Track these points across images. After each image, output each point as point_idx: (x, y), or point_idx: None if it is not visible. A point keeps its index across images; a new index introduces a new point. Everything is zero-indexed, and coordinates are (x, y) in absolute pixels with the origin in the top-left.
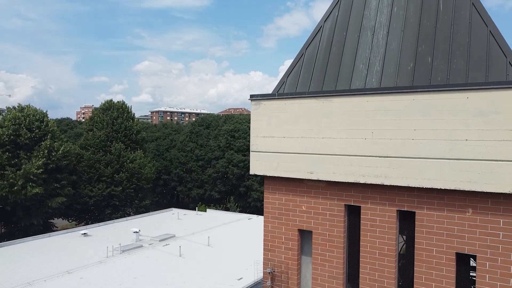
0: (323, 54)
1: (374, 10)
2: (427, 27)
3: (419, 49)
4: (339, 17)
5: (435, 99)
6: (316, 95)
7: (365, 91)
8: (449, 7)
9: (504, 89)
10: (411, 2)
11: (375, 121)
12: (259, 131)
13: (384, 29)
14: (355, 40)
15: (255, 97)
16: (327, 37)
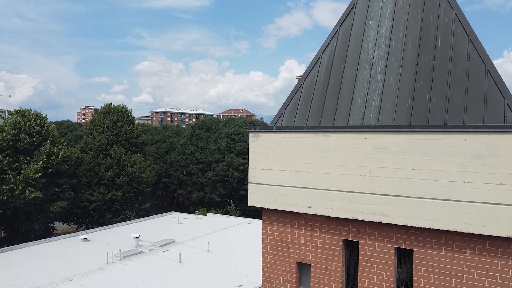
0: (321, 86)
1: (372, 43)
2: (425, 63)
3: (417, 85)
4: (337, 48)
5: (433, 139)
6: (314, 130)
7: (363, 128)
8: (447, 43)
9: (501, 133)
10: (409, 36)
11: (373, 158)
12: (257, 163)
13: (382, 63)
14: (353, 73)
15: (254, 130)
16: (325, 68)
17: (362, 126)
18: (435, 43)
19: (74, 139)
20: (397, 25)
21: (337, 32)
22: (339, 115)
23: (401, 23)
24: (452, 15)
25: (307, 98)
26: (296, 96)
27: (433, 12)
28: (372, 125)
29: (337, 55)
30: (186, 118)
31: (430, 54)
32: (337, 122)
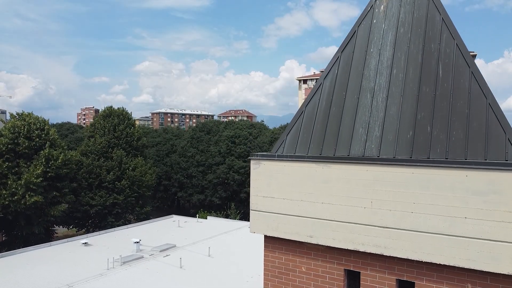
0: (322, 113)
1: (373, 71)
2: (426, 94)
3: (419, 116)
4: (339, 76)
5: (434, 174)
6: (315, 160)
7: (364, 160)
8: (448, 74)
9: (502, 171)
10: (411, 65)
11: (374, 191)
12: (259, 190)
13: (383, 92)
14: (354, 102)
15: (255, 157)
16: (327, 96)
17: (363, 157)
18: (436, 73)
19: (75, 141)
20: (398, 54)
21: (339, 59)
22: (341, 145)
23: (403, 52)
24: (453, 45)
25: (308, 125)
26: (298, 123)
27: (435, 42)
28: (373, 155)
29: (338, 83)
30: (187, 119)
31: (431, 85)
32: (339, 152)
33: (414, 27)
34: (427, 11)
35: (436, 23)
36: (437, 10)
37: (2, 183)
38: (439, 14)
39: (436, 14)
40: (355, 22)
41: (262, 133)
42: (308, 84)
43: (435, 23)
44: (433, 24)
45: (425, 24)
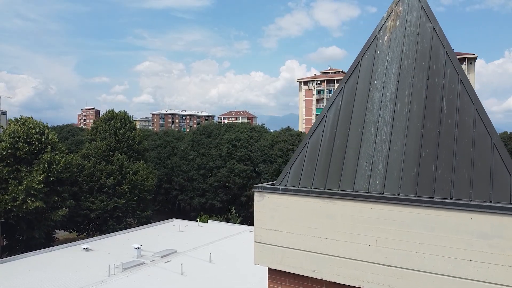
0: (326, 146)
1: (377, 104)
2: (430, 130)
3: (423, 153)
4: (342, 107)
5: (439, 215)
6: (319, 195)
7: (368, 198)
8: (452, 111)
9: (508, 215)
10: (415, 100)
11: (379, 229)
12: (262, 223)
13: (387, 126)
14: (358, 135)
15: (259, 189)
16: (331, 127)
17: (367, 195)
18: (441, 109)
19: (76, 144)
20: (402, 87)
21: (342, 90)
22: (345, 179)
23: (406, 85)
24: (457, 81)
25: (312, 157)
26: (302, 155)
27: (439, 76)
28: (377, 192)
29: (342, 115)
30: (187, 120)
31: (435, 121)
32: (343, 187)
33: (418, 60)
34: (431, 44)
35: (440, 57)
36: (441, 44)
37: (3, 188)
38: (443, 48)
39: (440, 48)
40: (359, 52)
41: (262, 136)
42: (308, 85)
43: (439, 57)
44: (437, 58)
45: (429, 57)
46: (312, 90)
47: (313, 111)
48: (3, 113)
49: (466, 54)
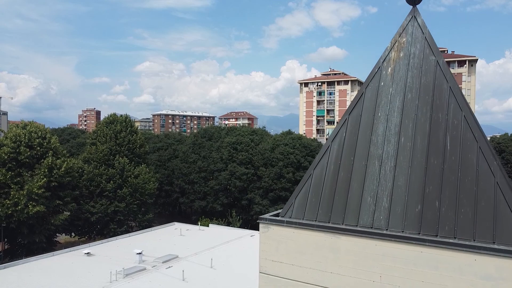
0: (330, 178)
1: (381, 137)
2: (434, 167)
3: (427, 190)
4: (347, 139)
5: (443, 255)
6: (324, 229)
7: (372, 234)
8: (456, 147)
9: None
10: (418, 134)
11: (384, 265)
12: (267, 254)
13: (391, 161)
14: (362, 169)
15: (264, 221)
16: (335, 159)
17: (372, 232)
18: (444, 145)
19: (77, 147)
20: (406, 121)
21: (346, 121)
22: (349, 213)
23: (410, 119)
24: (461, 116)
25: (316, 189)
26: (306, 187)
27: (442, 111)
28: (382, 227)
29: (346, 147)
30: (188, 120)
31: (439, 157)
32: (347, 221)
33: (421, 94)
34: (434, 78)
35: (444, 92)
36: (445, 78)
37: (4, 193)
38: (446, 82)
39: (443, 82)
40: (363, 83)
41: (263, 139)
42: (309, 87)
43: (443, 92)
44: (441, 92)
45: (432, 91)
46: (313, 91)
47: (314, 113)
48: (4, 113)
49: (467, 57)
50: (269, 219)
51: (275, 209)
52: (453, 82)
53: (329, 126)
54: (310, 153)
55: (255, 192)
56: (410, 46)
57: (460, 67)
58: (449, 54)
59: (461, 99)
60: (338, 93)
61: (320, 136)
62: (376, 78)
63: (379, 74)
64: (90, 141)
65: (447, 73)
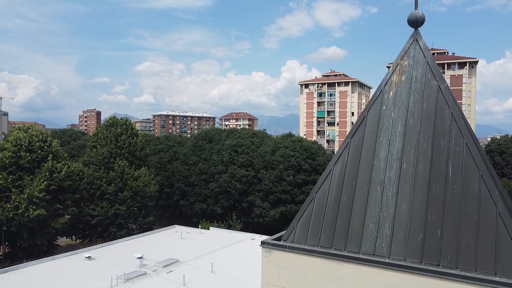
0: (333, 202)
1: (383, 162)
2: (436, 194)
3: (429, 218)
4: (349, 163)
5: (445, 286)
6: (326, 256)
7: (375, 263)
8: (458, 175)
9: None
10: (420, 160)
11: None
12: (269, 278)
13: (393, 187)
14: (364, 194)
15: (266, 245)
16: (337, 184)
17: (374, 260)
18: (446, 173)
19: (77, 149)
20: (408, 146)
21: (348, 145)
22: (351, 239)
23: (412, 145)
24: (463, 143)
25: (319, 213)
26: (308, 210)
27: (444, 137)
28: (384, 255)
29: (348, 171)
30: (188, 121)
31: (441, 184)
32: (350, 247)
33: (423, 119)
34: (436, 103)
35: (446, 118)
36: (447, 103)
37: (5, 197)
38: (448, 108)
39: (445, 107)
40: (365, 106)
41: (264, 142)
42: (309, 88)
43: (445, 117)
44: (443, 118)
45: (434, 116)
46: (313, 93)
47: (314, 114)
48: (4, 114)
49: (467, 58)
50: (271, 244)
51: (276, 211)
52: (455, 108)
53: (330, 128)
54: (310, 156)
55: (256, 195)
56: (412, 70)
57: (460, 69)
58: (449, 56)
59: (463, 125)
60: (339, 94)
61: (321, 137)
62: (378, 102)
63: (381, 97)
64: (91, 144)
65: (449, 98)
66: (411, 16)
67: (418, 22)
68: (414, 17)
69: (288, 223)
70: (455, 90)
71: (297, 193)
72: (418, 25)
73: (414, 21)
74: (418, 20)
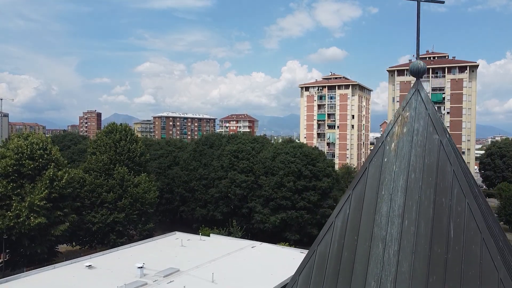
0: (334, 257)
1: (385, 218)
2: (437, 255)
3: (430, 279)
4: (350, 216)
5: None
6: None
7: None
8: (460, 236)
9: None
10: (422, 218)
11: None
12: None
13: (395, 244)
14: (366, 250)
15: None
16: (339, 237)
17: None
18: (448, 232)
19: (78, 153)
20: (409, 202)
21: (350, 197)
22: None
23: (414, 201)
24: (464, 204)
25: (320, 268)
26: (310, 263)
27: (446, 196)
28: None
29: (349, 225)
30: (188, 123)
31: (443, 245)
32: None
33: (425, 175)
34: (438, 158)
35: (447, 175)
36: (448, 160)
37: (6, 205)
38: (450, 165)
39: (447, 164)
40: (367, 157)
41: (264, 147)
42: (310, 91)
43: (446, 175)
44: (444, 175)
45: (436, 173)
46: (314, 95)
47: (315, 117)
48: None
49: (467, 62)
50: None
51: (276, 218)
52: (456, 165)
53: (330, 130)
54: (311, 162)
55: (256, 201)
56: (413, 122)
57: (461, 73)
58: (449, 60)
59: (465, 184)
60: (339, 97)
61: (321, 140)
62: (379, 153)
63: (382, 149)
64: (91, 151)
65: (450, 154)
66: (413, 66)
67: (420, 72)
68: (416, 68)
69: (289, 229)
70: (456, 94)
71: (298, 199)
72: (420, 75)
73: (416, 71)
74: (420, 71)
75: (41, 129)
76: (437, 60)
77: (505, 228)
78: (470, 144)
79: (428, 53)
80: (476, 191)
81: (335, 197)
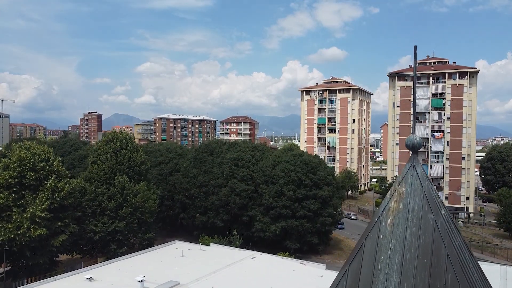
0: None
1: None
2: None
3: None
4: None
5: None
6: None
7: None
8: None
9: None
10: None
11: None
12: None
13: None
14: None
15: None
16: None
17: None
18: None
19: (78, 159)
20: (405, 284)
21: (346, 273)
22: None
23: (409, 282)
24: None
25: None
26: None
27: (440, 280)
28: None
29: None
30: (189, 124)
31: None
32: None
33: (420, 256)
34: (432, 240)
35: (442, 258)
36: (443, 242)
37: (6, 216)
38: (444, 248)
39: (441, 247)
40: (363, 232)
41: (264, 155)
42: (310, 95)
43: (441, 258)
44: (439, 258)
45: (430, 254)
46: (314, 99)
47: (315, 121)
48: (6, 116)
49: (468, 68)
50: None
51: (276, 226)
52: (451, 247)
53: (330, 134)
54: (311, 170)
55: (256, 209)
56: (409, 198)
57: (461, 78)
58: (450, 65)
59: (459, 270)
60: (340, 101)
61: (321, 144)
62: (375, 229)
63: (378, 224)
64: (92, 159)
65: (445, 236)
66: (409, 141)
67: (416, 147)
68: (411, 142)
69: (289, 238)
70: (456, 99)
71: (298, 208)
72: (416, 150)
73: (411, 146)
74: (416, 146)
75: (42, 130)
76: (438, 66)
77: (505, 235)
78: (470, 150)
79: (428, 58)
80: (471, 276)
81: (335, 205)
